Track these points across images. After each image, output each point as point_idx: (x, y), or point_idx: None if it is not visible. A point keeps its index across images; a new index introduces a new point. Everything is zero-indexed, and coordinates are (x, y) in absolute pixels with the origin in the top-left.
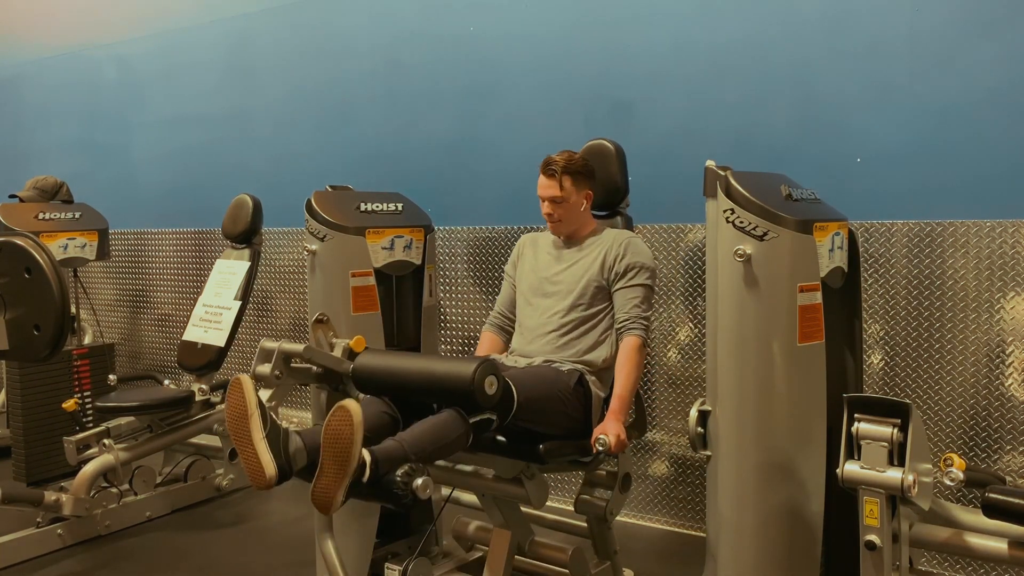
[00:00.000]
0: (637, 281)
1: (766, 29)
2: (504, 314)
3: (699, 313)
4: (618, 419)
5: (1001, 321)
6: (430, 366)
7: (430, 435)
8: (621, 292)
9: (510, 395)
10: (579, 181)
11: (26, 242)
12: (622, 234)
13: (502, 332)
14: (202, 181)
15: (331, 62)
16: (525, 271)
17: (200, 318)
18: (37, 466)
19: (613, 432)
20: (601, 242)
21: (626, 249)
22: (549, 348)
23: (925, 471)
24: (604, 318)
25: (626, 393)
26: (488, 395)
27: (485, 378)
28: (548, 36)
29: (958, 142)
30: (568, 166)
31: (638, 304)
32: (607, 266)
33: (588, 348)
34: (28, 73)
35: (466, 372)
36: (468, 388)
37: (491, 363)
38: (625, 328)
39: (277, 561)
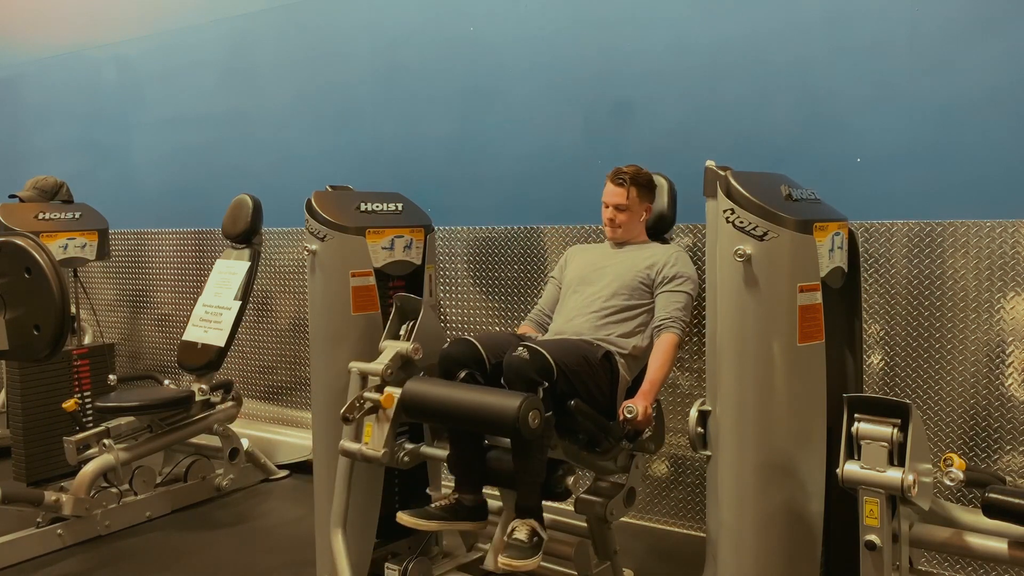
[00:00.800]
0: (683, 288)
1: (766, 29)
2: (545, 312)
3: (699, 313)
4: (647, 398)
5: (1001, 321)
6: (477, 398)
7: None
8: (665, 295)
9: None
10: (643, 194)
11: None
12: (675, 247)
13: (540, 327)
14: (202, 181)
15: (331, 62)
16: (573, 268)
17: (200, 318)
18: (37, 466)
19: (642, 404)
20: (652, 249)
21: (678, 260)
22: (586, 327)
23: (925, 471)
24: (642, 313)
25: (657, 379)
26: (531, 429)
27: (529, 413)
28: (548, 36)
29: (958, 142)
30: (636, 177)
31: (680, 308)
32: (656, 268)
33: (621, 334)
34: (28, 73)
35: (511, 407)
36: (513, 424)
37: (533, 398)
38: (665, 325)
39: (277, 561)
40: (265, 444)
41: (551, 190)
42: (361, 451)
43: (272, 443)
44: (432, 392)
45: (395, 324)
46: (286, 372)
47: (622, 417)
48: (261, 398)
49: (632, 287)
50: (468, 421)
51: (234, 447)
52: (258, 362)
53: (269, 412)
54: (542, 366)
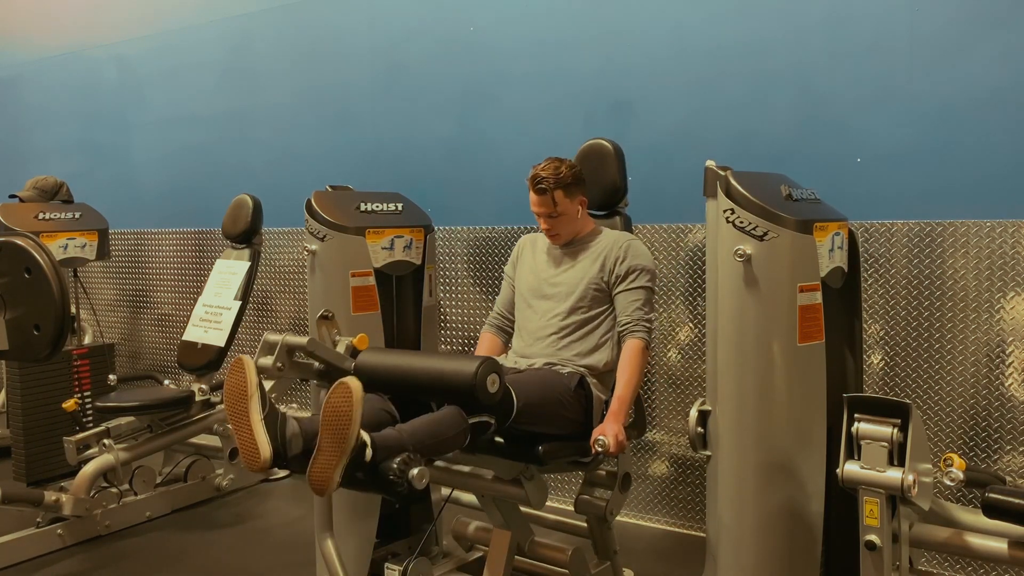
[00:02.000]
0: (638, 283)
1: (766, 29)
2: (503, 315)
3: (699, 313)
4: (617, 420)
5: (1001, 321)
6: (433, 363)
7: (429, 429)
8: (623, 295)
9: (510, 400)
10: (571, 192)
11: (26, 242)
12: (622, 236)
13: (501, 332)
14: (202, 181)
15: (331, 62)
16: (524, 272)
17: (200, 318)
18: (37, 466)
19: (612, 433)
20: (600, 244)
21: (626, 252)
22: (550, 351)
23: (925, 471)
24: (604, 320)
25: (626, 395)
26: (490, 392)
27: (487, 376)
28: (548, 36)
29: (958, 142)
30: (558, 181)
31: (640, 307)
32: (607, 268)
33: (588, 351)
34: (28, 73)
35: (468, 369)
36: (470, 385)
37: (493, 361)
38: (628, 331)
39: (277, 561)
40: None
41: None
42: None
43: None
44: (386, 360)
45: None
46: None
47: (594, 451)
48: None
49: (589, 296)
50: (423, 387)
51: (234, 447)
52: None
53: None
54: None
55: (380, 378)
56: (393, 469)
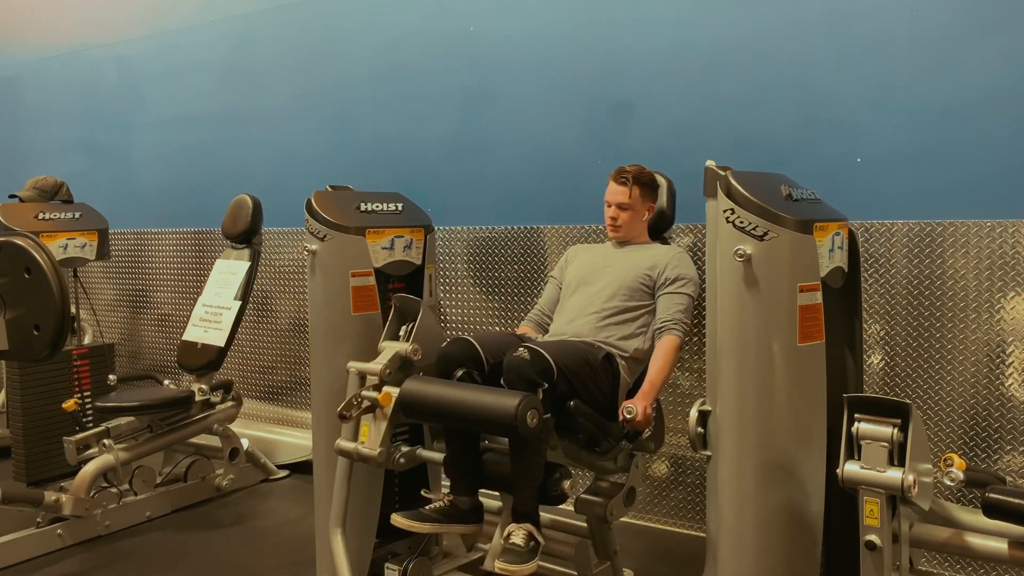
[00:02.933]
0: (684, 290)
1: (766, 29)
2: (544, 312)
3: (699, 314)
4: (647, 399)
5: (1001, 321)
6: (474, 397)
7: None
8: (666, 297)
9: (547, 364)
10: (646, 193)
11: (26, 242)
12: (677, 248)
13: (539, 328)
14: (202, 181)
15: (331, 62)
16: (574, 267)
17: (200, 318)
18: (37, 466)
19: (641, 406)
20: (654, 250)
21: (679, 261)
22: (587, 328)
23: (925, 471)
24: (642, 315)
25: (658, 380)
26: (529, 428)
27: (527, 412)
28: (548, 36)
29: (958, 142)
30: (639, 177)
31: (681, 310)
32: (658, 270)
33: (622, 336)
34: (28, 73)
35: (510, 406)
36: (512, 423)
37: (532, 398)
38: (666, 327)
39: (277, 561)
40: (265, 444)
41: (551, 190)
42: (357, 450)
43: (272, 443)
44: (430, 391)
45: (394, 325)
46: (286, 372)
47: (622, 417)
48: (261, 398)
49: (632, 288)
50: (465, 420)
51: (234, 447)
52: (258, 362)
53: (269, 412)
54: (542, 367)
55: (422, 408)
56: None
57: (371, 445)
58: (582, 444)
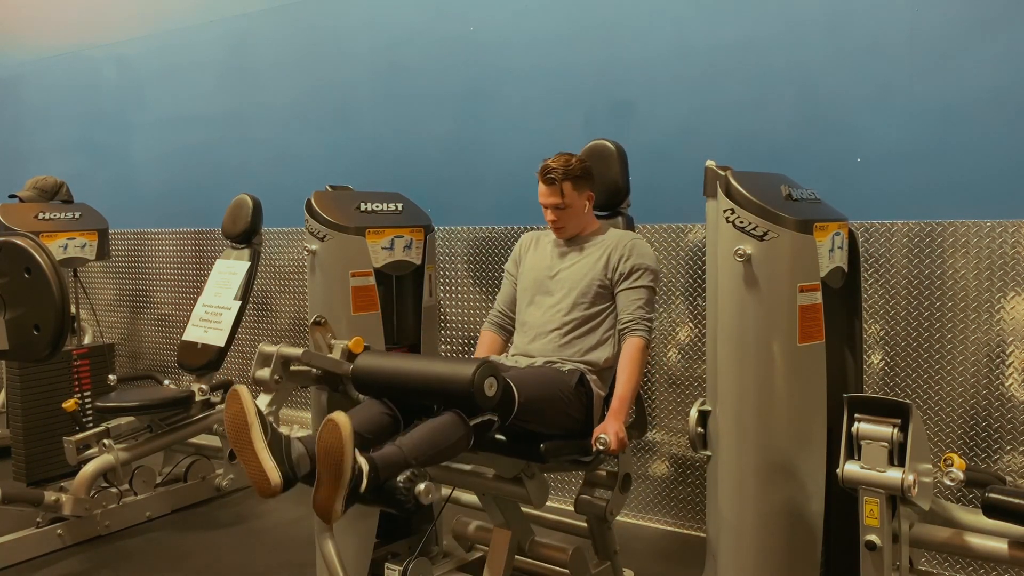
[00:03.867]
0: (641, 283)
1: (766, 29)
2: (504, 312)
3: (699, 313)
4: (618, 419)
5: (1001, 321)
6: (430, 368)
7: (430, 439)
8: (625, 293)
9: (511, 396)
10: (579, 185)
11: (26, 242)
12: (626, 235)
13: (502, 331)
14: (202, 181)
15: (331, 62)
16: (527, 269)
17: (200, 318)
18: (37, 466)
19: (613, 431)
20: (604, 242)
21: (631, 251)
22: (551, 348)
23: (925, 471)
24: (606, 318)
25: (627, 393)
26: (488, 396)
27: (485, 379)
28: (548, 36)
29: (958, 142)
30: (567, 172)
31: (642, 306)
32: (611, 266)
33: (590, 347)
34: (28, 73)
35: (466, 374)
36: (468, 390)
37: (491, 364)
38: (629, 329)
39: (277, 561)
40: None
41: None
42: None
43: None
44: (383, 364)
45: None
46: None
47: (595, 448)
48: None
49: (592, 292)
50: (419, 391)
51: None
52: None
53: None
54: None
55: (377, 383)
56: (399, 488)
57: None
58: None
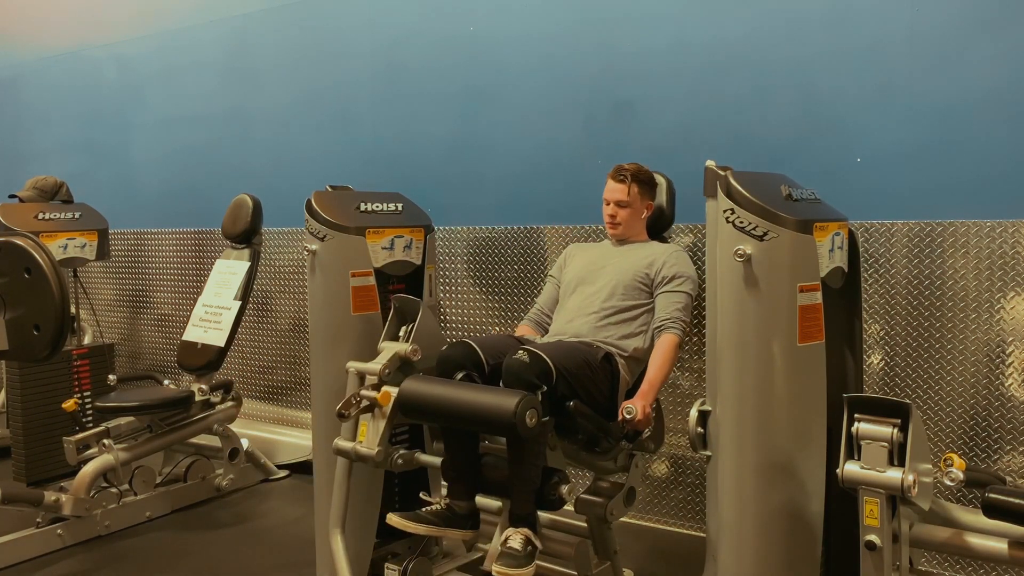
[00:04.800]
0: (682, 289)
1: (766, 29)
2: (543, 311)
3: (699, 313)
4: (646, 398)
5: (1001, 321)
6: (473, 396)
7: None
8: (665, 295)
9: (544, 364)
10: (644, 191)
11: (26, 242)
12: (674, 246)
13: (539, 327)
14: (202, 181)
15: (331, 62)
16: (573, 268)
17: (200, 318)
18: (37, 466)
19: (640, 404)
20: (652, 248)
21: (677, 259)
22: (586, 328)
23: (925, 471)
24: (642, 314)
25: (657, 379)
26: (528, 428)
27: (526, 412)
28: (548, 36)
29: (958, 142)
30: (638, 174)
31: (680, 308)
32: (656, 268)
33: (623, 335)
34: (28, 73)
35: (508, 406)
36: (510, 421)
37: (531, 398)
38: (665, 326)
39: (277, 561)
40: (265, 444)
41: (551, 190)
42: (355, 449)
43: (272, 443)
44: (429, 390)
45: (394, 326)
46: (286, 372)
47: (621, 418)
48: (261, 398)
49: (631, 287)
50: (464, 420)
51: (234, 447)
52: (258, 362)
53: (269, 412)
54: (541, 369)
55: (423, 408)
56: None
57: (369, 444)
58: (582, 444)
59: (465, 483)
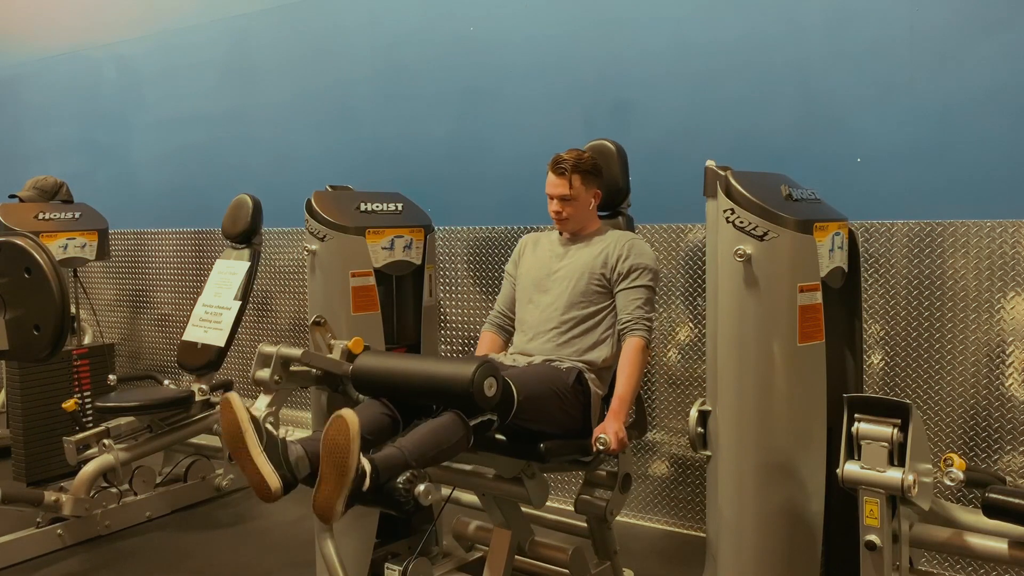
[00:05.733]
0: (640, 282)
1: (766, 29)
2: (504, 313)
3: (699, 313)
4: (618, 419)
5: (1001, 321)
6: (429, 368)
7: (431, 440)
8: (624, 293)
9: (510, 395)
10: (588, 180)
11: (26, 242)
12: (625, 235)
13: (502, 331)
14: (202, 181)
15: (331, 62)
16: (525, 269)
17: (200, 318)
18: (37, 466)
19: (612, 431)
20: (604, 241)
21: (629, 250)
22: (549, 346)
23: (925, 471)
24: (604, 318)
25: (627, 394)
26: (487, 396)
27: (484, 379)
28: (548, 36)
29: (958, 142)
30: (578, 165)
31: (641, 305)
32: (609, 265)
33: (588, 347)
34: (28, 73)
35: (465, 374)
36: (467, 390)
37: (490, 364)
38: (628, 329)
39: (277, 561)
40: None
41: None
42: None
43: None
44: (383, 364)
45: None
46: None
47: (595, 448)
48: None
49: (587, 292)
50: (419, 391)
51: None
52: None
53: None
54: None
55: (377, 383)
56: (399, 489)
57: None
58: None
59: None
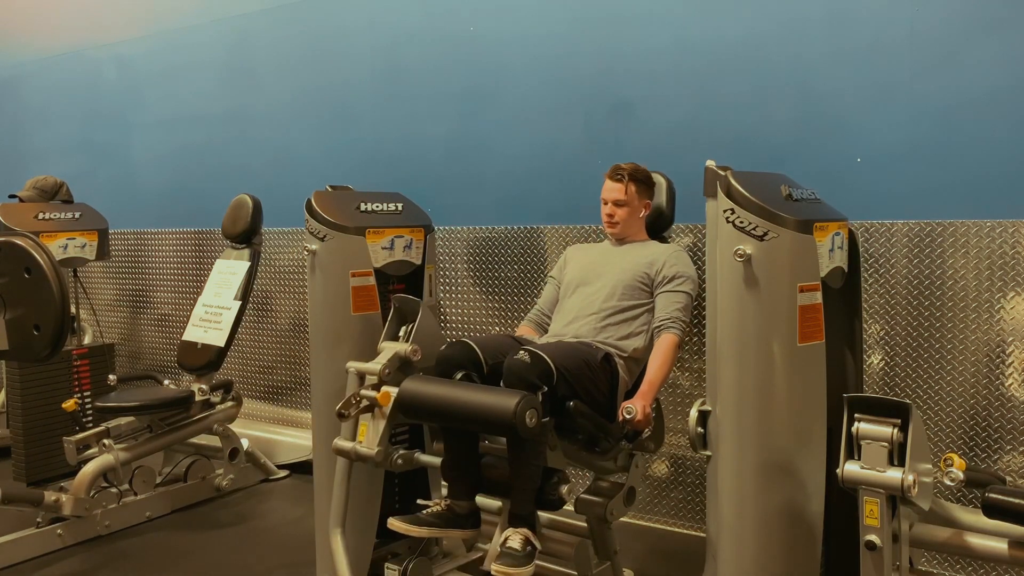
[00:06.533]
0: (682, 288)
1: (766, 29)
2: (544, 312)
3: (699, 313)
4: (646, 398)
5: (1001, 321)
6: (474, 397)
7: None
8: (665, 295)
9: (544, 364)
10: (642, 190)
11: (26, 242)
12: (674, 246)
13: (539, 328)
14: (202, 181)
15: (331, 62)
16: (573, 268)
17: (200, 318)
18: (37, 466)
19: (640, 404)
20: (652, 248)
21: (677, 259)
22: (586, 329)
23: (925, 471)
24: (641, 314)
25: (657, 379)
26: (528, 428)
27: (526, 412)
28: (548, 36)
29: (958, 142)
30: (635, 173)
31: (679, 308)
32: (656, 268)
33: (622, 336)
34: (28, 73)
35: (508, 406)
36: (510, 421)
37: (531, 398)
38: (665, 326)
39: (277, 561)
40: (265, 444)
41: (551, 190)
42: (355, 449)
43: (272, 443)
44: (429, 390)
45: (394, 325)
46: (286, 372)
47: (621, 418)
48: (261, 398)
49: (631, 287)
50: (464, 420)
51: (234, 447)
52: (258, 362)
53: (269, 412)
54: (542, 370)
55: (421, 408)
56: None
57: (369, 444)
58: (582, 444)
59: (465, 483)
